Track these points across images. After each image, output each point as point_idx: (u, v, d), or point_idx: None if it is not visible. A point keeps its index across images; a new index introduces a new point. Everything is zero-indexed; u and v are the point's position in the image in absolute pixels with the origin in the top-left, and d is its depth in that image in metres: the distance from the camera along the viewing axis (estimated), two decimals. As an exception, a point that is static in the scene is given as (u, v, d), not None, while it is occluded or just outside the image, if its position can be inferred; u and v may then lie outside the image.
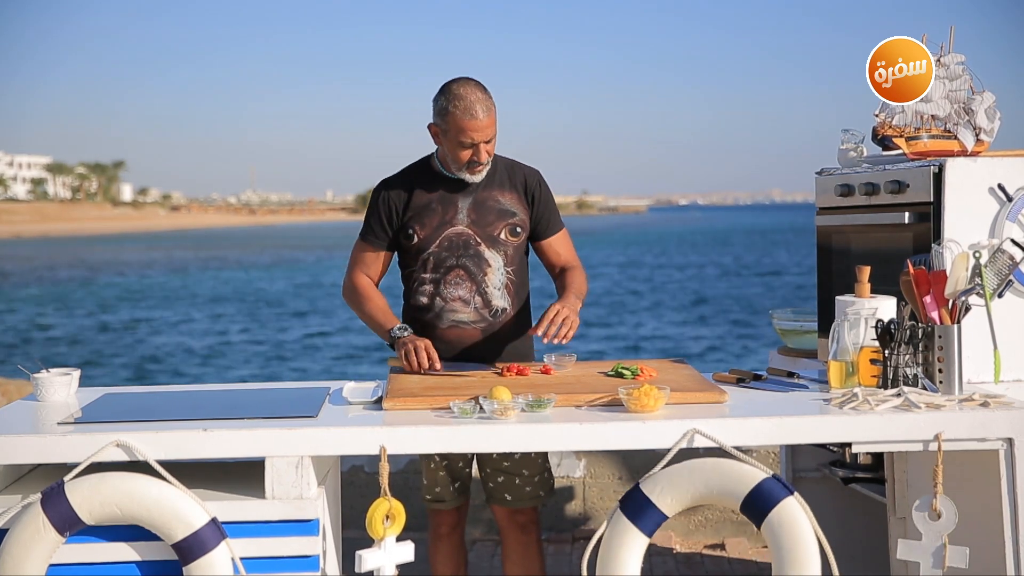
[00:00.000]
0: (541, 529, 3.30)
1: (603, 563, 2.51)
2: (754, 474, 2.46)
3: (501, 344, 3.24)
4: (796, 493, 2.45)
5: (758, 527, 2.47)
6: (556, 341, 2.99)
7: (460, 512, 3.29)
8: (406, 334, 3.10)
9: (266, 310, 29.43)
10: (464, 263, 3.18)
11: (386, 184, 3.27)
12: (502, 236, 3.20)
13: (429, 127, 3.17)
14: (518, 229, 3.23)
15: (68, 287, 37.89)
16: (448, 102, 3.07)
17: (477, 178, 3.16)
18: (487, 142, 3.10)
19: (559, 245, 3.32)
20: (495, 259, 3.19)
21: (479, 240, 3.18)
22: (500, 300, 3.21)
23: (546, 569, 3.31)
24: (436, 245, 3.18)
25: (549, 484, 3.25)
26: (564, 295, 3.17)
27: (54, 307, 30.56)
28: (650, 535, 2.51)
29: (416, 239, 3.19)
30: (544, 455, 3.23)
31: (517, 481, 3.18)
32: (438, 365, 3.00)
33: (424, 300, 3.21)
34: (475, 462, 3.27)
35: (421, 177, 3.23)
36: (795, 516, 2.41)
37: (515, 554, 3.25)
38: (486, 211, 3.20)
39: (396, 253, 3.30)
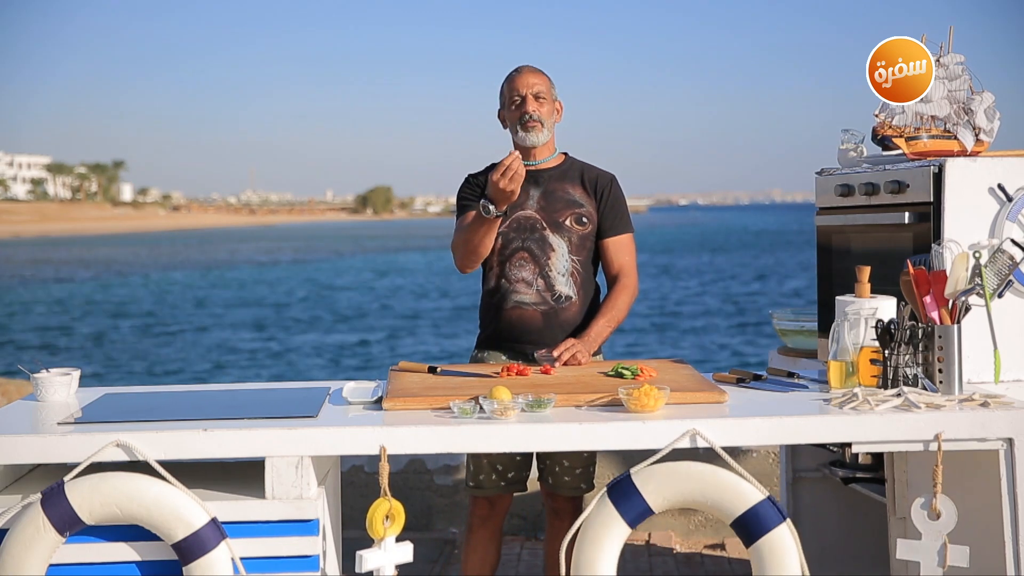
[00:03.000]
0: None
1: (581, 547, 2.49)
2: (751, 494, 2.46)
3: (562, 332, 3.26)
4: (788, 520, 2.46)
5: (746, 546, 2.48)
6: (557, 364, 3.09)
7: (494, 505, 3.29)
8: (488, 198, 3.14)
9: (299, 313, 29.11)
10: (529, 245, 3.29)
11: (471, 175, 3.44)
12: (567, 223, 3.30)
13: (498, 115, 3.40)
14: (584, 219, 3.31)
15: (85, 287, 37.75)
16: (504, 81, 3.36)
17: (534, 137, 3.29)
18: (536, 97, 3.28)
19: (618, 248, 3.34)
20: (559, 244, 3.28)
21: (544, 224, 3.29)
22: (564, 287, 3.28)
23: None
24: (505, 226, 3.29)
25: (590, 479, 3.30)
26: (586, 331, 3.22)
27: (82, 309, 30.24)
28: (632, 526, 2.49)
29: None
30: (593, 452, 3.27)
31: (557, 468, 3.26)
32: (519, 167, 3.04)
33: (492, 283, 3.33)
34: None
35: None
36: (785, 546, 2.44)
37: (550, 532, 3.37)
38: (555, 199, 3.31)
39: None
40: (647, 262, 48.24)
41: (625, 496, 2.48)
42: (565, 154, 3.42)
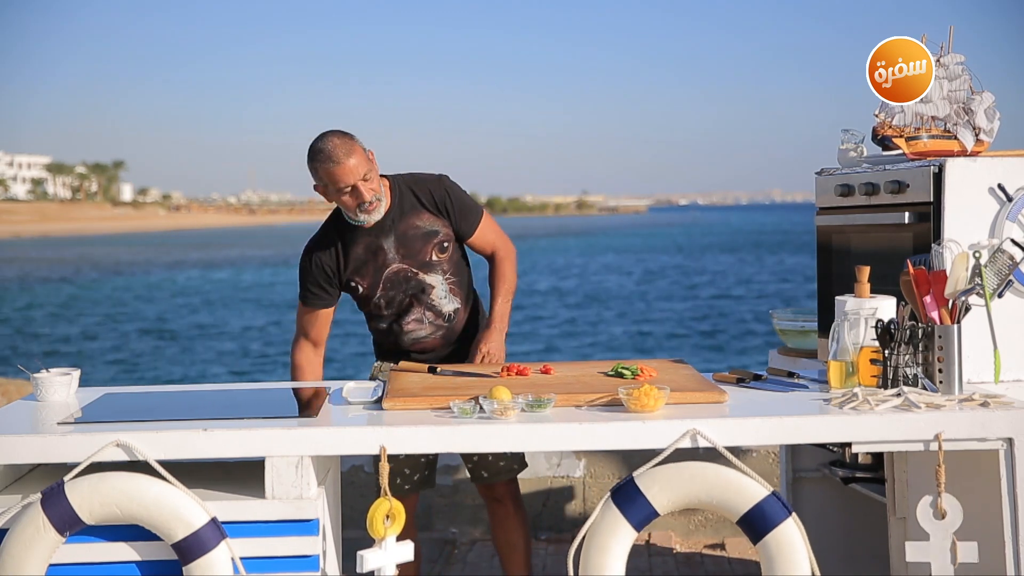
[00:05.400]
0: (520, 500, 3.45)
1: (588, 553, 2.50)
2: (756, 491, 2.46)
3: (459, 340, 3.40)
4: (794, 514, 2.46)
5: (754, 543, 2.48)
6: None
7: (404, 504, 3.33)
8: None
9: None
10: (410, 294, 3.32)
11: (312, 248, 3.36)
12: (433, 258, 3.31)
13: (315, 189, 3.26)
14: (445, 245, 3.33)
15: (100, 287, 37.55)
16: (313, 160, 3.17)
17: (375, 216, 3.23)
18: (364, 180, 3.16)
19: (483, 238, 3.41)
20: (435, 279, 3.33)
21: (415, 270, 3.31)
22: (449, 305, 3.36)
23: (529, 537, 3.45)
24: (381, 289, 3.31)
25: (520, 456, 3.39)
26: (490, 323, 3.31)
27: (90, 311, 29.87)
28: (639, 529, 2.50)
29: (361, 290, 3.33)
30: None
31: (490, 458, 3.32)
32: None
33: (384, 326, 3.39)
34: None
35: (342, 233, 3.32)
36: (792, 540, 2.44)
37: (496, 524, 3.44)
38: (411, 241, 3.30)
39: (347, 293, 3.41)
40: (664, 263, 47.75)
41: (630, 499, 2.48)
42: (387, 178, 3.33)
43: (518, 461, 3.37)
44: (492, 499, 3.41)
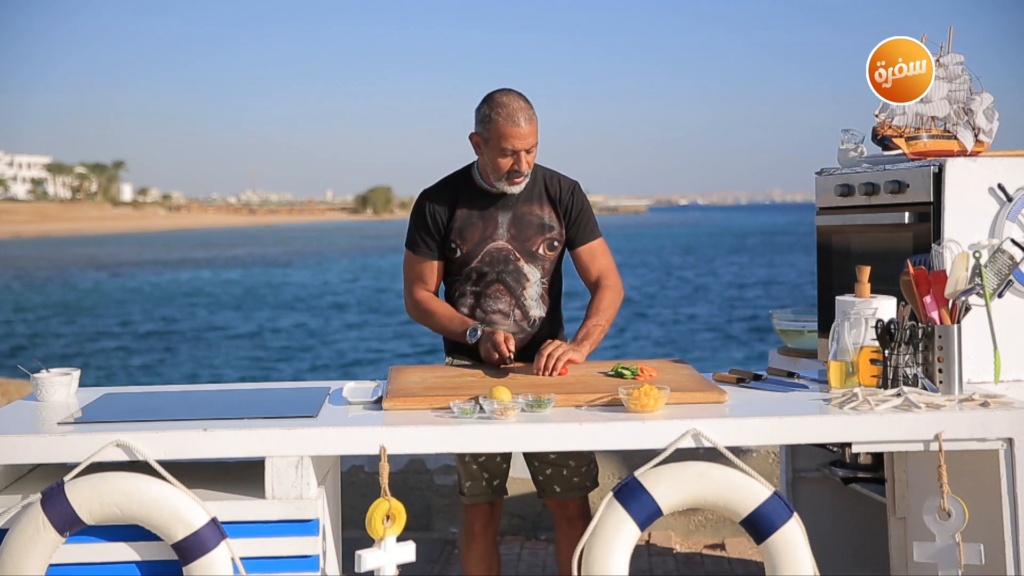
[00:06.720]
0: (590, 520, 3.31)
1: (592, 551, 2.50)
2: (759, 491, 2.47)
3: (533, 348, 3.21)
4: (795, 514, 2.47)
5: (757, 543, 2.48)
6: (546, 374, 2.96)
7: (493, 509, 3.28)
8: (479, 334, 3.12)
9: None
10: (504, 278, 3.21)
11: (428, 195, 3.28)
12: (540, 251, 3.23)
13: (471, 137, 3.17)
14: (555, 243, 3.25)
15: (106, 288, 37.46)
16: (491, 110, 3.08)
17: (516, 189, 3.16)
18: (527, 151, 3.10)
19: (591, 256, 3.28)
20: (533, 273, 3.23)
21: (518, 255, 3.21)
22: (537, 310, 3.26)
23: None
24: (478, 260, 3.21)
25: (594, 475, 3.28)
26: (574, 339, 3.13)
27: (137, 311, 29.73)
28: (643, 527, 2.50)
29: (459, 253, 3.22)
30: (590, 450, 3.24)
31: (565, 472, 3.22)
32: (509, 353, 3.05)
33: (464, 311, 3.25)
34: (522, 457, 3.30)
35: (462, 189, 3.25)
36: (796, 540, 2.45)
37: (563, 545, 3.29)
38: (525, 226, 3.22)
39: None
40: (668, 264, 47.67)
41: (634, 498, 2.48)
42: None
43: (591, 479, 3.25)
44: (564, 519, 3.26)
